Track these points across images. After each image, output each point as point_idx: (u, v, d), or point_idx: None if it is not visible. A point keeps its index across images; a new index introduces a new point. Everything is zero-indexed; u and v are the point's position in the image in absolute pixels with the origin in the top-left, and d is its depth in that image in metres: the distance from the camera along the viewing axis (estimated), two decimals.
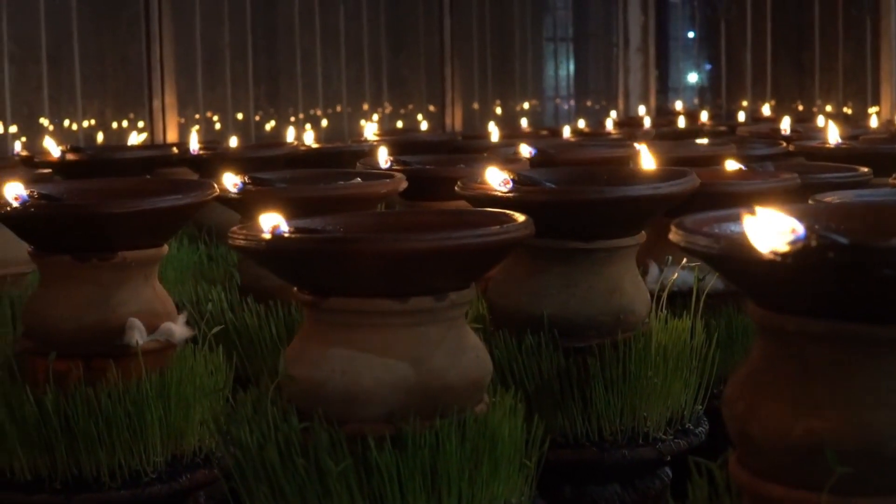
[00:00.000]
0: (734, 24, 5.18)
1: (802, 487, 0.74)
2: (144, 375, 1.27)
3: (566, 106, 5.47)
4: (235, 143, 2.93)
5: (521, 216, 1.06)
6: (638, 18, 5.26)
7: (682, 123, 3.57)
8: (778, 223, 0.73)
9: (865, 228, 0.85)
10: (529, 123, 4.26)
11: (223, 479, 1.10)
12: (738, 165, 1.66)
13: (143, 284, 1.31)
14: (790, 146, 2.20)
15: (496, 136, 2.89)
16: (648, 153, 1.59)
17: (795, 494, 0.75)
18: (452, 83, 4.54)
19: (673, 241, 0.80)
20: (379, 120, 4.45)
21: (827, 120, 3.10)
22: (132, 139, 3.29)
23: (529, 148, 2.01)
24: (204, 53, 3.93)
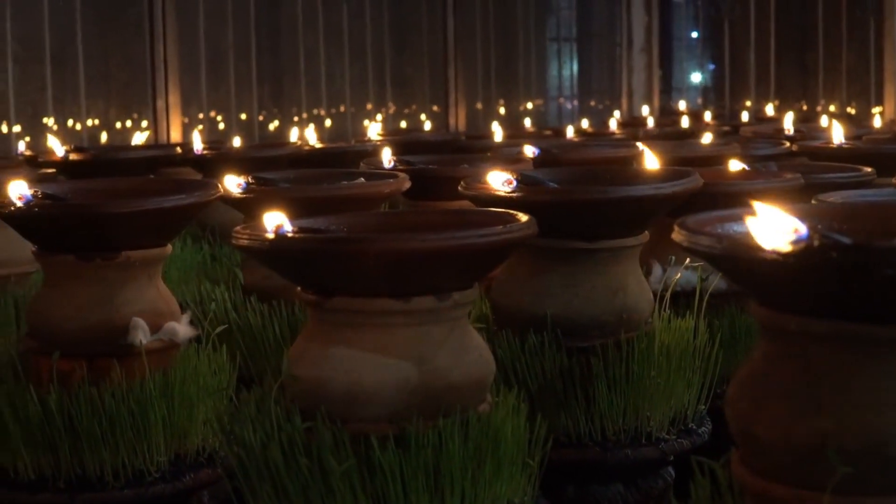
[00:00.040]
0: (738, 24, 5.18)
1: (805, 487, 0.74)
2: (148, 375, 1.27)
3: (570, 106, 5.47)
4: (239, 142, 2.93)
5: (524, 216, 1.06)
6: (641, 18, 5.26)
7: (685, 123, 3.57)
8: (781, 223, 0.73)
9: (868, 228, 0.85)
10: (533, 123, 4.26)
11: (226, 478, 1.10)
12: (741, 165, 1.66)
13: (146, 284, 1.31)
14: (793, 146, 2.20)
15: (499, 135, 2.89)
16: (651, 153, 1.59)
17: (798, 494, 0.75)
18: (456, 83, 4.54)
19: (676, 240, 0.80)
20: (382, 120, 4.46)
21: (831, 120, 3.09)
22: (136, 139, 3.29)
23: (533, 148, 2.01)
24: (207, 53, 3.93)
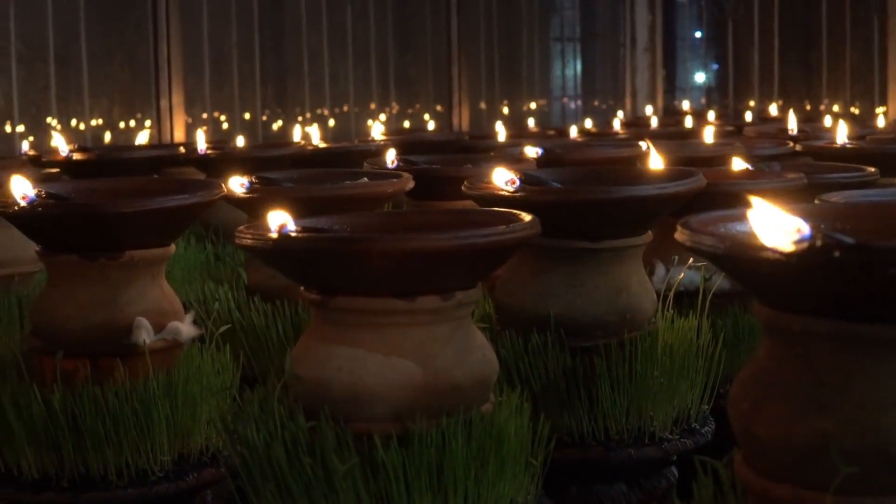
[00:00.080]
0: (741, 23, 5.18)
1: (808, 487, 0.74)
2: (151, 374, 1.27)
3: (573, 106, 5.47)
4: (242, 142, 2.92)
5: (527, 216, 1.06)
6: (645, 18, 5.26)
7: (689, 123, 3.57)
8: (784, 223, 0.73)
9: (872, 228, 0.85)
10: (536, 123, 4.26)
11: (230, 477, 1.10)
12: (744, 165, 1.66)
13: (150, 284, 1.31)
14: (797, 146, 2.20)
15: (503, 135, 2.89)
16: (655, 153, 1.59)
17: (801, 494, 0.75)
18: (459, 83, 4.54)
19: (679, 240, 0.80)
20: (386, 120, 4.46)
21: (835, 120, 3.09)
22: (140, 139, 3.29)
23: (536, 148, 2.01)
24: (211, 53, 3.93)
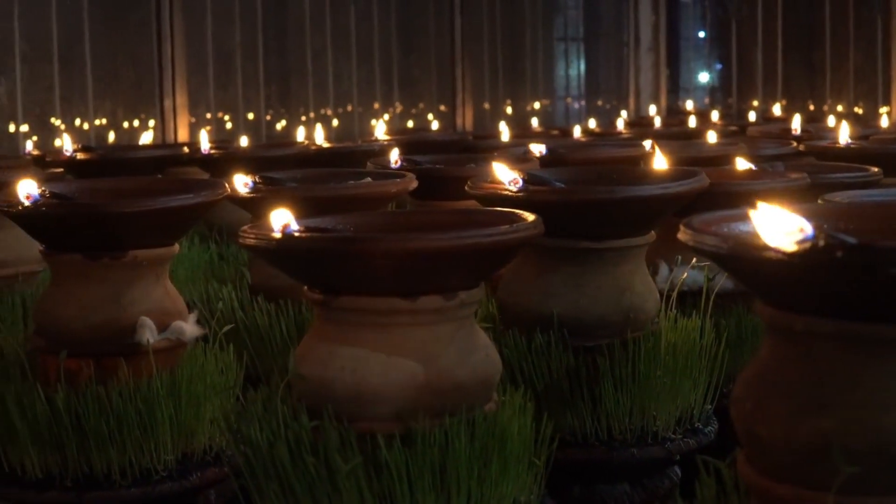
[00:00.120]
0: (745, 23, 5.18)
1: (810, 487, 0.74)
2: (155, 374, 1.27)
3: (577, 105, 5.47)
4: (246, 142, 2.93)
5: (530, 216, 1.06)
6: (649, 18, 5.26)
7: (692, 123, 3.57)
8: (787, 223, 0.73)
9: (875, 228, 0.85)
10: (540, 123, 4.26)
11: (233, 477, 1.10)
12: (748, 165, 1.65)
13: (154, 283, 1.31)
14: (801, 146, 2.20)
15: (507, 135, 2.89)
16: (659, 153, 1.59)
17: (803, 494, 0.75)
18: (463, 83, 4.54)
19: (682, 240, 0.80)
20: (389, 120, 4.46)
21: (838, 120, 3.09)
22: (143, 139, 3.30)
23: (540, 147, 2.01)
24: (215, 53, 3.94)
